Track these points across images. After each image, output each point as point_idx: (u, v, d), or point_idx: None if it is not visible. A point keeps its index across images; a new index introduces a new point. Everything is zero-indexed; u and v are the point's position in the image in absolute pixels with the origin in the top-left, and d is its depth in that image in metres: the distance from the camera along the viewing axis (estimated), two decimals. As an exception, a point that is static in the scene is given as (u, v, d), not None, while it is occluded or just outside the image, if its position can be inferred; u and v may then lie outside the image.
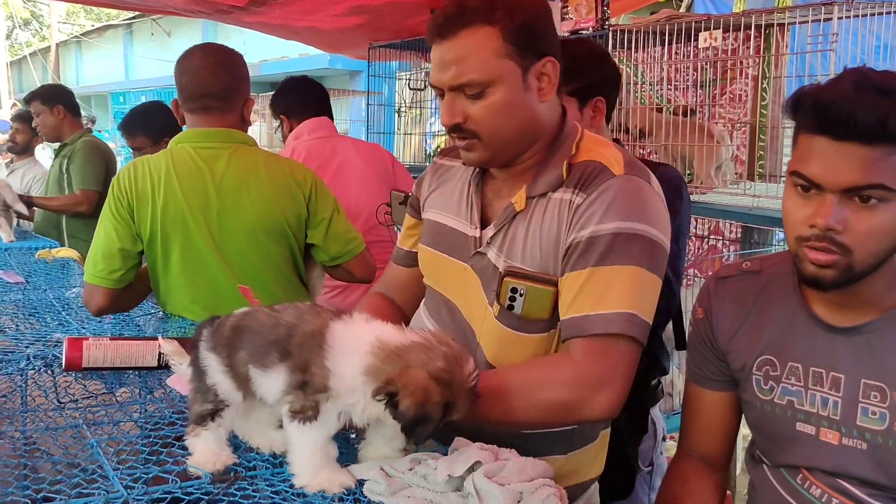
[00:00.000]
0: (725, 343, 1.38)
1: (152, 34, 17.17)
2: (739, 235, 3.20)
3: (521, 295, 1.27)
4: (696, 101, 2.87)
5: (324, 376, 1.00)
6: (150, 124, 3.44)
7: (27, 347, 1.66)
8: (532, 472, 1.03)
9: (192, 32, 13.74)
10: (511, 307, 1.28)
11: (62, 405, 1.37)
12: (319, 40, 3.92)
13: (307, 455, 1.04)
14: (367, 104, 4.71)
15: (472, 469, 1.03)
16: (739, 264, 1.42)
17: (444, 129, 1.38)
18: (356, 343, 1.01)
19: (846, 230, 1.13)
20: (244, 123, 2.08)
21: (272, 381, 1.05)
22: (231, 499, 1.00)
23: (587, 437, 1.43)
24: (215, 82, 2.00)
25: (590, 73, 1.83)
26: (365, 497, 1.02)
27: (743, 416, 1.40)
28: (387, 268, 1.63)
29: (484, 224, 1.36)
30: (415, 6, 3.20)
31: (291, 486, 1.05)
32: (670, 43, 2.49)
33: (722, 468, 1.45)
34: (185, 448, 1.11)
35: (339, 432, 1.07)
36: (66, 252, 2.84)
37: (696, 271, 3.16)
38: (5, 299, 2.16)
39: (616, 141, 1.94)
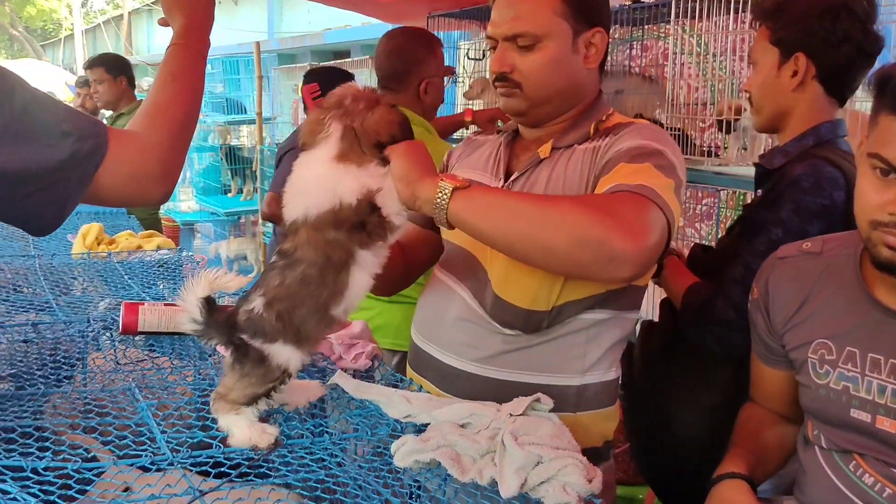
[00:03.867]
0: (782, 325, 1.35)
1: (220, 2, 17.38)
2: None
3: None
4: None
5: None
6: None
7: (91, 310, 1.73)
8: (568, 443, 1.04)
9: (258, 1, 13.85)
10: None
11: (119, 367, 1.42)
12: (377, 11, 3.90)
13: None
14: (428, 74, 4.67)
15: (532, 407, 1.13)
16: (800, 244, 1.38)
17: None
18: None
19: None
20: (419, 102, 2.40)
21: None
22: (270, 465, 1.02)
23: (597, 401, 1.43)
24: (387, 66, 2.38)
25: (798, 23, 1.58)
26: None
27: None
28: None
29: (508, 176, 1.43)
30: (473, -25, 3.16)
31: (331, 455, 1.07)
32: (737, 11, 2.39)
33: (795, 422, 1.42)
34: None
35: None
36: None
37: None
38: (72, 262, 2.25)
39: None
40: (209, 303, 1.08)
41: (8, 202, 0.97)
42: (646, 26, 3.12)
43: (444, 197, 1.13)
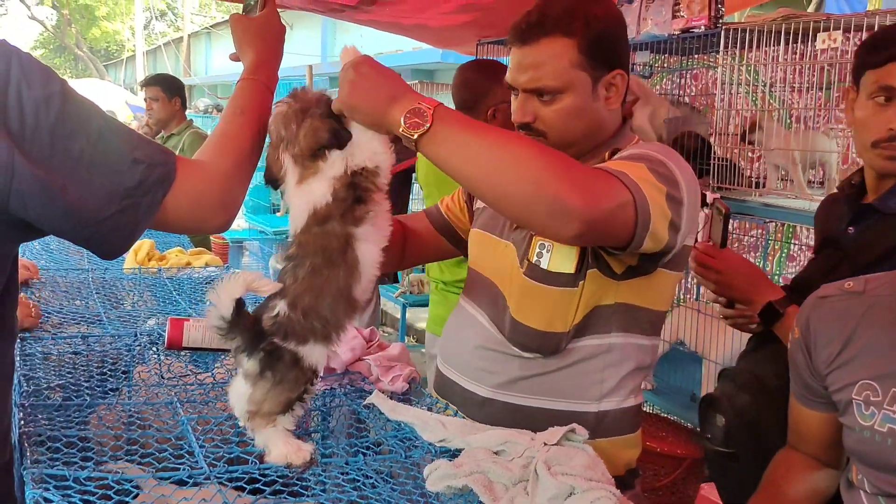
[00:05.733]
0: (824, 367, 1.32)
1: (276, 26, 17.75)
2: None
3: (547, 250, 1.37)
4: (815, 104, 2.71)
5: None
6: None
7: (139, 324, 1.78)
8: (602, 475, 1.03)
9: (312, 25, 14.13)
10: (538, 262, 1.37)
11: (163, 381, 1.46)
12: (429, 37, 3.96)
13: None
14: (476, 99, 4.70)
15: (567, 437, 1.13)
16: (842, 284, 1.35)
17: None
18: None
19: None
20: None
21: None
22: (304, 483, 1.04)
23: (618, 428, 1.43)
24: (458, 97, 2.65)
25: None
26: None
27: None
28: (415, 214, 1.79)
29: None
30: (523, 4, 3.18)
31: (364, 476, 1.08)
32: (787, 42, 2.37)
33: (834, 467, 1.38)
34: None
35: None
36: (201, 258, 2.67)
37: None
38: (123, 277, 2.32)
39: None
40: (238, 304, 1.10)
41: (81, 227, 1.01)
42: (695, 55, 3.10)
43: (411, 142, 1.14)
